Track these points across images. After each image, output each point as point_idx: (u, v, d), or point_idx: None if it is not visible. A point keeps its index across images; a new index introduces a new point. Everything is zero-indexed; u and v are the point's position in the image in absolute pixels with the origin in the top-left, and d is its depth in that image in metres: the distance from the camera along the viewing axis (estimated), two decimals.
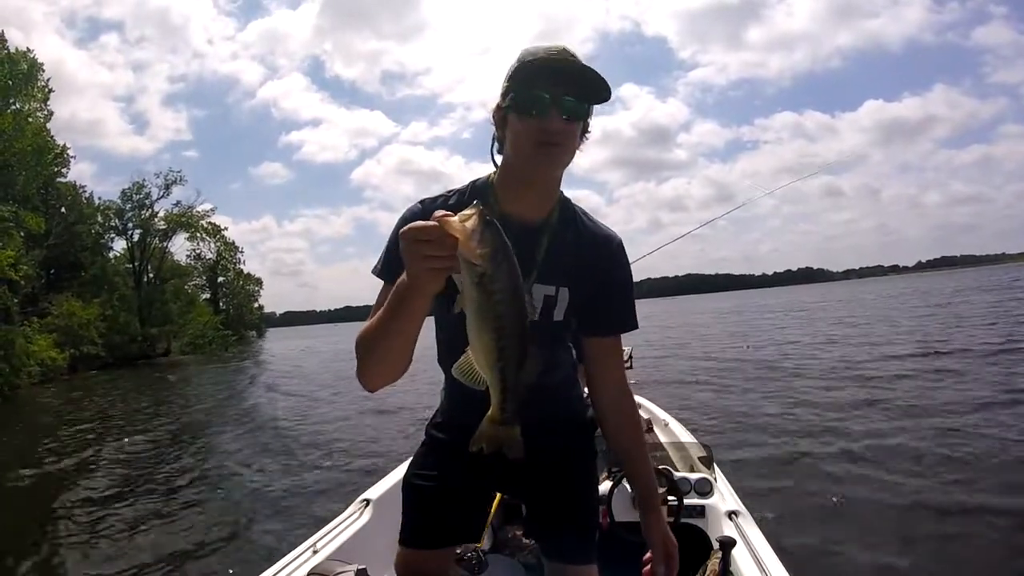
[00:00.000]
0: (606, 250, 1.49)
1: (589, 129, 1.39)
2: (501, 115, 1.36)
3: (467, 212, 0.94)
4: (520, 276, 0.98)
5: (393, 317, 1.14)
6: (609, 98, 1.33)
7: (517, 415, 1.06)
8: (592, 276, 1.45)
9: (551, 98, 1.27)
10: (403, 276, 1.05)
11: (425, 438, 1.73)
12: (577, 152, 1.38)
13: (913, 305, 32.07)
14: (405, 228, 0.96)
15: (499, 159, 1.44)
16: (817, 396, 9.59)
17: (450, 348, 1.33)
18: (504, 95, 1.34)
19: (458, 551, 2.02)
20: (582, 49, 1.43)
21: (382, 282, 1.39)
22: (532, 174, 1.37)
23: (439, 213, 0.94)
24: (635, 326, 1.54)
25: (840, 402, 8.96)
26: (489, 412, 1.07)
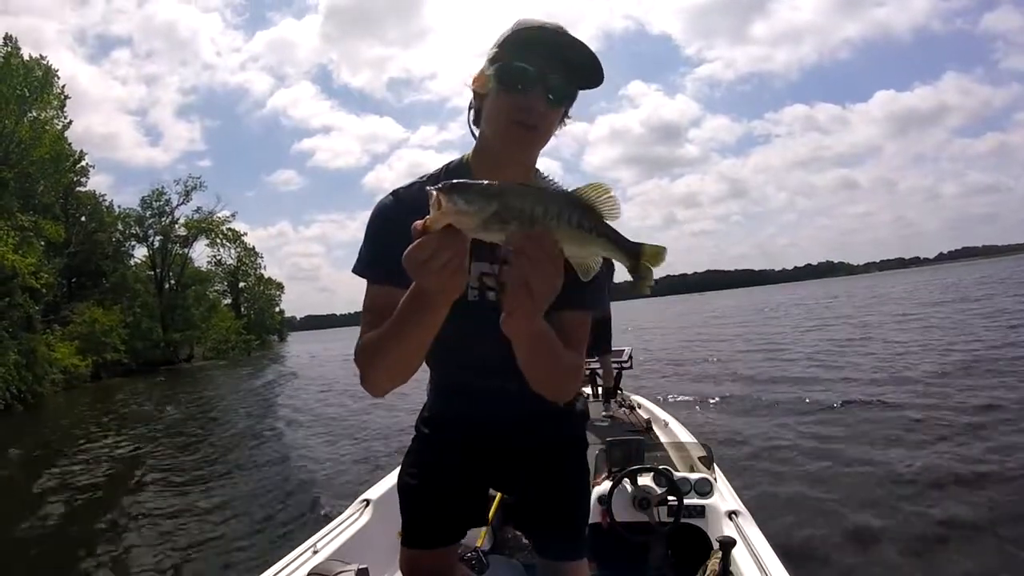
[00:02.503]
0: None
1: (570, 115, 1.30)
2: (483, 83, 1.25)
3: (432, 203, 0.85)
4: (518, 184, 0.91)
5: (414, 329, 1.06)
6: (600, 83, 1.23)
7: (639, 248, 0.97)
8: None
9: (537, 74, 1.18)
10: (413, 290, 1.00)
11: (415, 433, 1.67)
12: (553, 137, 1.30)
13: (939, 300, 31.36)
14: (404, 259, 0.88)
15: (477, 131, 1.35)
16: (820, 396, 9.54)
17: (439, 341, 1.14)
18: (491, 61, 1.23)
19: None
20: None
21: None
22: (504, 152, 1.28)
23: (415, 225, 0.87)
24: (592, 306, 1.34)
25: (843, 402, 8.83)
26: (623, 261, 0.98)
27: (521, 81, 1.19)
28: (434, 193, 0.85)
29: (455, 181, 0.86)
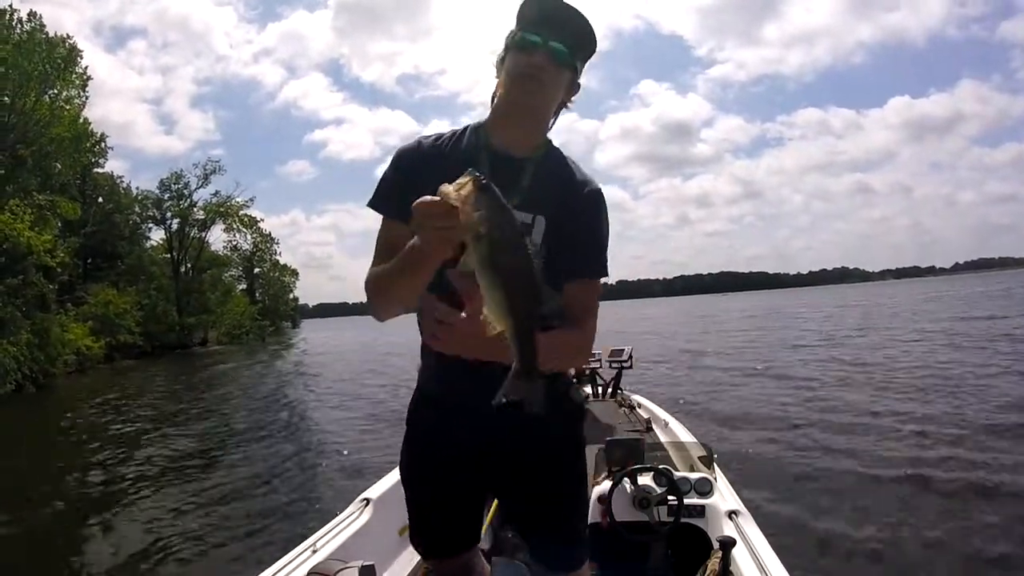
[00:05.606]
0: (582, 192, 1.46)
1: (579, 84, 1.45)
2: (502, 58, 1.41)
3: (462, 180, 1.00)
4: (520, 231, 1.05)
5: (405, 275, 1.23)
6: (594, 50, 1.45)
7: (536, 367, 1.09)
8: (566, 211, 1.42)
9: (542, 40, 1.34)
10: (415, 241, 1.14)
11: (406, 414, 1.65)
12: (566, 111, 1.49)
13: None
14: (415, 204, 1.03)
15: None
16: (821, 396, 9.67)
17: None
18: (506, 40, 1.40)
19: None
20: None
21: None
22: (512, 105, 1.40)
23: (441, 188, 1.00)
24: (600, 272, 1.48)
25: (844, 403, 8.95)
26: (513, 365, 1.09)
27: (526, 47, 1.36)
28: (471, 177, 0.99)
29: (490, 183, 1.00)
